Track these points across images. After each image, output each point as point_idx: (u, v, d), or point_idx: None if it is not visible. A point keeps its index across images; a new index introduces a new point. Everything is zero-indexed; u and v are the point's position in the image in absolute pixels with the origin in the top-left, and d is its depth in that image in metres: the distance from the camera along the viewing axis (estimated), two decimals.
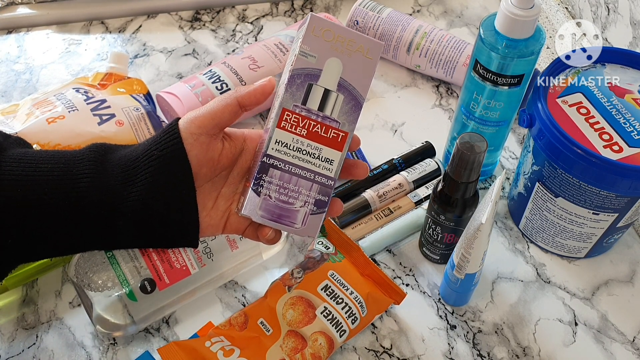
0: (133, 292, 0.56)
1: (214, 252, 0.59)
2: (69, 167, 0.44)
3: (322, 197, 0.46)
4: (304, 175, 0.45)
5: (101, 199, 0.43)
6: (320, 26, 0.44)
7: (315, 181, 0.46)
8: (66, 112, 0.64)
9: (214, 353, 0.54)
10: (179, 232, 0.46)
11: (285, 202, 0.46)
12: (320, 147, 0.45)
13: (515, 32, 0.57)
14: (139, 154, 0.45)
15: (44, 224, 0.43)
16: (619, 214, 0.59)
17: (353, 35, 0.45)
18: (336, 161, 0.46)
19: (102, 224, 0.44)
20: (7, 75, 0.82)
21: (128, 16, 0.90)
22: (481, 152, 0.53)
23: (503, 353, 0.60)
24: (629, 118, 0.57)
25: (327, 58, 0.45)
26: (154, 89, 0.76)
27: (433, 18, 0.91)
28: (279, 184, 0.45)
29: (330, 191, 0.46)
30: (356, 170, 0.48)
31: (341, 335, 0.57)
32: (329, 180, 0.46)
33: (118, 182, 0.44)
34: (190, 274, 0.58)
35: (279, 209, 0.46)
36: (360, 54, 0.45)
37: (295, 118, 0.45)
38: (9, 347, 0.59)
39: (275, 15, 0.91)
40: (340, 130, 0.45)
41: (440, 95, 0.82)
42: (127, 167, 0.44)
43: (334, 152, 0.46)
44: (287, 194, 0.45)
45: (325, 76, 0.45)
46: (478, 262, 0.56)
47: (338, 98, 0.45)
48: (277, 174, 0.45)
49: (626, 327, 0.62)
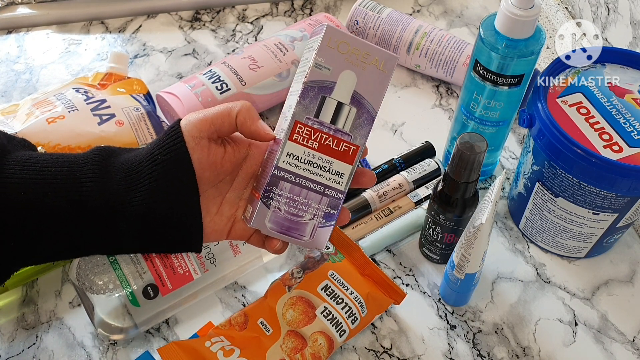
0: (136, 298, 0.56)
1: (217, 257, 0.59)
2: (72, 171, 0.44)
3: (332, 210, 0.46)
4: (314, 189, 0.45)
5: (105, 203, 0.43)
6: (336, 38, 0.44)
7: (325, 194, 0.46)
8: (66, 112, 0.64)
9: (214, 353, 0.54)
10: (183, 237, 0.46)
11: (295, 215, 0.46)
12: (331, 160, 0.45)
13: (515, 32, 0.57)
14: (142, 158, 0.45)
15: (46, 228, 0.43)
16: (619, 214, 0.59)
17: (369, 48, 0.45)
18: (346, 174, 0.46)
19: (106, 228, 0.44)
20: (7, 75, 0.82)
21: (128, 16, 0.90)
22: (481, 152, 0.53)
23: (503, 353, 0.60)
24: (629, 118, 0.57)
25: (342, 71, 0.44)
26: (154, 89, 0.76)
27: (433, 18, 0.91)
28: (289, 196, 0.45)
29: (339, 204, 0.46)
30: (363, 179, 0.48)
31: (341, 335, 0.57)
32: (339, 193, 0.46)
33: (122, 186, 0.44)
34: (193, 279, 0.58)
35: (288, 221, 0.46)
36: (375, 67, 0.45)
37: (308, 131, 0.45)
38: (9, 347, 0.59)
39: (275, 15, 0.91)
40: (351, 143, 0.45)
41: (440, 95, 0.82)
42: (130, 171, 0.44)
43: (345, 166, 0.46)
44: (296, 207, 0.45)
45: (339, 89, 0.45)
46: (478, 262, 0.56)
47: (351, 111, 0.45)
48: (287, 186, 0.45)
49: (626, 327, 0.62)
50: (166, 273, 0.57)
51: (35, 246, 0.44)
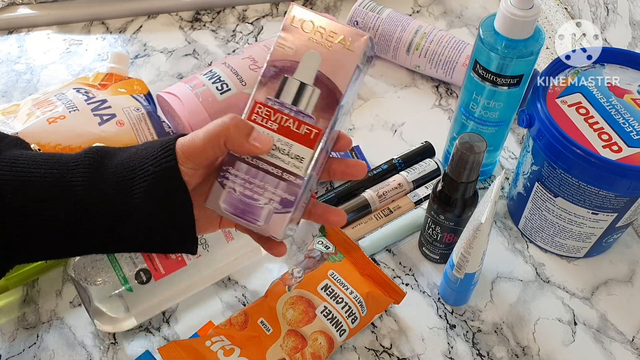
0: (128, 282, 0.56)
1: (209, 243, 0.59)
2: (62, 173, 0.43)
3: (289, 196, 0.43)
4: (271, 172, 0.43)
5: (97, 206, 0.43)
6: (300, 16, 0.43)
7: (282, 178, 0.43)
8: (67, 112, 0.64)
9: (214, 352, 0.54)
10: (177, 246, 0.46)
11: (249, 198, 0.44)
12: (291, 143, 0.43)
13: (515, 33, 0.57)
14: (136, 166, 0.44)
15: (35, 229, 0.43)
16: (618, 214, 0.59)
17: (335, 27, 0.43)
18: (307, 159, 0.43)
19: (97, 230, 0.43)
20: (7, 76, 0.82)
21: (128, 16, 0.90)
22: (481, 152, 0.53)
23: (502, 353, 0.60)
24: (628, 118, 0.57)
25: (305, 50, 0.42)
26: (155, 89, 0.76)
27: (433, 18, 0.91)
28: (245, 178, 0.43)
29: (298, 190, 0.43)
30: (353, 170, 0.46)
31: (341, 334, 0.57)
32: (298, 179, 0.43)
33: (114, 190, 0.43)
34: (186, 264, 0.58)
35: (242, 203, 0.44)
36: (342, 46, 0.42)
37: (267, 111, 0.43)
38: (10, 347, 0.59)
39: (275, 15, 0.91)
40: (313, 126, 0.43)
41: (440, 95, 0.82)
42: (123, 177, 0.43)
43: (305, 150, 0.43)
44: (251, 189, 0.43)
45: (302, 69, 0.43)
46: (477, 262, 0.56)
47: (314, 92, 0.43)
48: (243, 167, 0.43)
49: (625, 326, 0.62)
50: (158, 258, 0.57)
51: (25, 246, 0.44)
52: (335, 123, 0.44)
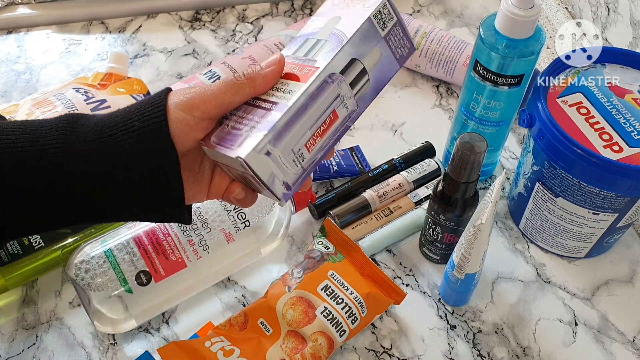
0: (128, 283, 0.56)
1: (210, 244, 0.59)
2: (35, 137, 0.40)
3: (268, 121, 0.43)
4: (263, 106, 0.44)
5: (75, 168, 0.40)
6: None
7: (270, 110, 0.43)
8: (66, 112, 0.64)
9: (214, 353, 0.54)
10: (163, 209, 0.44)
11: (236, 129, 0.44)
12: (289, 82, 0.45)
13: (515, 32, 0.57)
14: (118, 123, 0.41)
15: (7, 201, 0.40)
16: (619, 214, 0.59)
17: None
18: (297, 92, 0.43)
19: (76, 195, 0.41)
20: (7, 75, 0.82)
21: (128, 16, 0.90)
22: (481, 152, 0.53)
23: (503, 353, 0.60)
24: (629, 118, 0.57)
25: (331, 17, 0.47)
26: (154, 89, 0.76)
27: (433, 18, 0.91)
28: (241, 115, 0.45)
29: (278, 115, 0.42)
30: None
31: (341, 335, 0.57)
32: (283, 107, 0.43)
33: (93, 150, 0.40)
34: (186, 266, 0.58)
35: (228, 134, 0.44)
36: (360, 6, 0.46)
37: None
38: (9, 347, 0.59)
39: (275, 15, 0.91)
40: (313, 67, 0.44)
41: (440, 95, 0.82)
42: (103, 134, 0.41)
43: (298, 84, 0.44)
44: (241, 122, 0.44)
45: (323, 31, 0.47)
46: (478, 262, 0.56)
47: (325, 44, 0.45)
48: (243, 107, 0.45)
49: (626, 327, 0.62)
50: (158, 260, 0.57)
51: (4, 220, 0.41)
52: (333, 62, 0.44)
